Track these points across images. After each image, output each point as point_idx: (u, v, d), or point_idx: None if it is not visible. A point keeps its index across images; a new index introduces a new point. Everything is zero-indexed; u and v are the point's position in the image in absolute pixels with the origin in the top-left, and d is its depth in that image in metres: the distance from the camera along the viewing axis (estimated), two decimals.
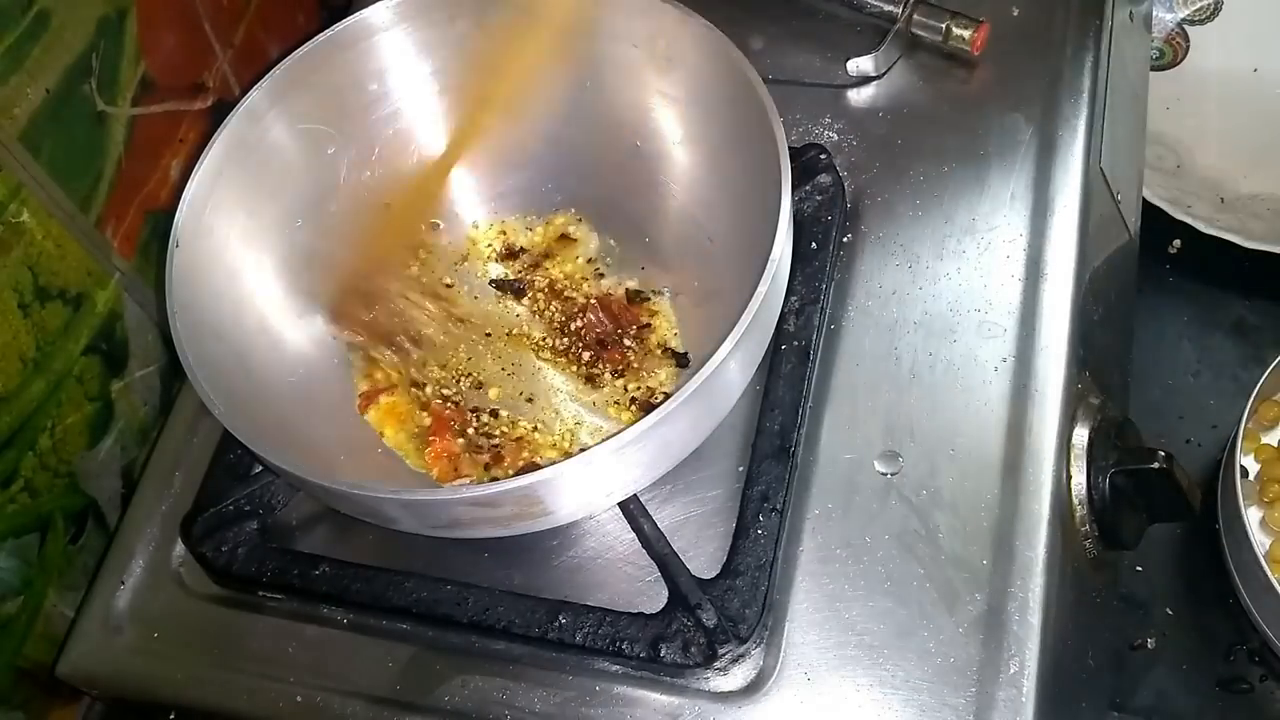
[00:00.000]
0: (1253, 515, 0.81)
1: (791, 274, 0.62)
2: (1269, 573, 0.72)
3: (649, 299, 0.67)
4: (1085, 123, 0.69)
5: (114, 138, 0.66)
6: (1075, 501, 0.60)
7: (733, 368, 0.52)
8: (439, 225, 0.71)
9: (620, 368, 0.65)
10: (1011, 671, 0.54)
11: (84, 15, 0.63)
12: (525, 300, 0.68)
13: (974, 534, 0.57)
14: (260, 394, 0.61)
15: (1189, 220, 0.93)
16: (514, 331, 0.67)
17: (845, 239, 0.67)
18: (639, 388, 0.64)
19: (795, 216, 0.58)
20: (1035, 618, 0.55)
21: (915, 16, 0.71)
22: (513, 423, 0.64)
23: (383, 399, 0.65)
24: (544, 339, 0.67)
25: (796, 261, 0.62)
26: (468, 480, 0.62)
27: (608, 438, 0.49)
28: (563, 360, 0.66)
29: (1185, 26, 1.05)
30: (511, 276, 0.69)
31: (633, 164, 0.67)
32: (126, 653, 0.62)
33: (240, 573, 0.60)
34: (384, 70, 0.66)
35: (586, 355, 0.65)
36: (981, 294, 0.64)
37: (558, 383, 0.65)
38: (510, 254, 0.70)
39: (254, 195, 0.63)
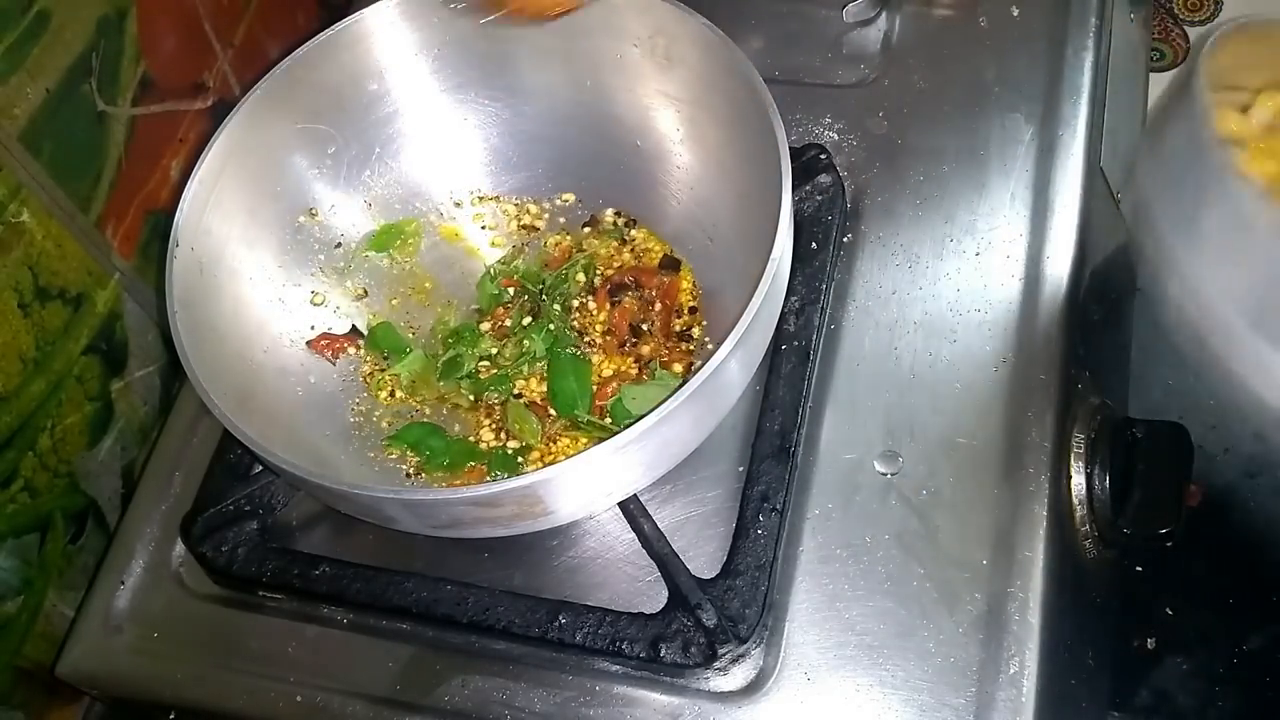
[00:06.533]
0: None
1: (791, 274, 0.62)
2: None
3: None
4: (1085, 123, 0.69)
5: (114, 138, 0.66)
6: (1075, 501, 0.60)
7: (733, 368, 0.52)
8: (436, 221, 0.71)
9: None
10: (1011, 671, 0.54)
11: (84, 15, 0.63)
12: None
13: (974, 534, 0.57)
14: (260, 393, 0.61)
15: None
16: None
17: (845, 239, 0.67)
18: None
19: (795, 216, 0.58)
20: (1035, 618, 0.55)
21: None
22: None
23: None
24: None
25: (796, 261, 0.62)
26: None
27: (606, 439, 0.49)
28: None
29: (1185, 26, 1.05)
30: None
31: (633, 163, 0.67)
32: (126, 653, 0.62)
33: (240, 573, 0.60)
34: (384, 70, 0.67)
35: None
36: (981, 294, 0.64)
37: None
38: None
39: (254, 195, 0.63)
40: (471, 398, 0.65)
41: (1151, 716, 0.77)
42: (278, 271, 0.65)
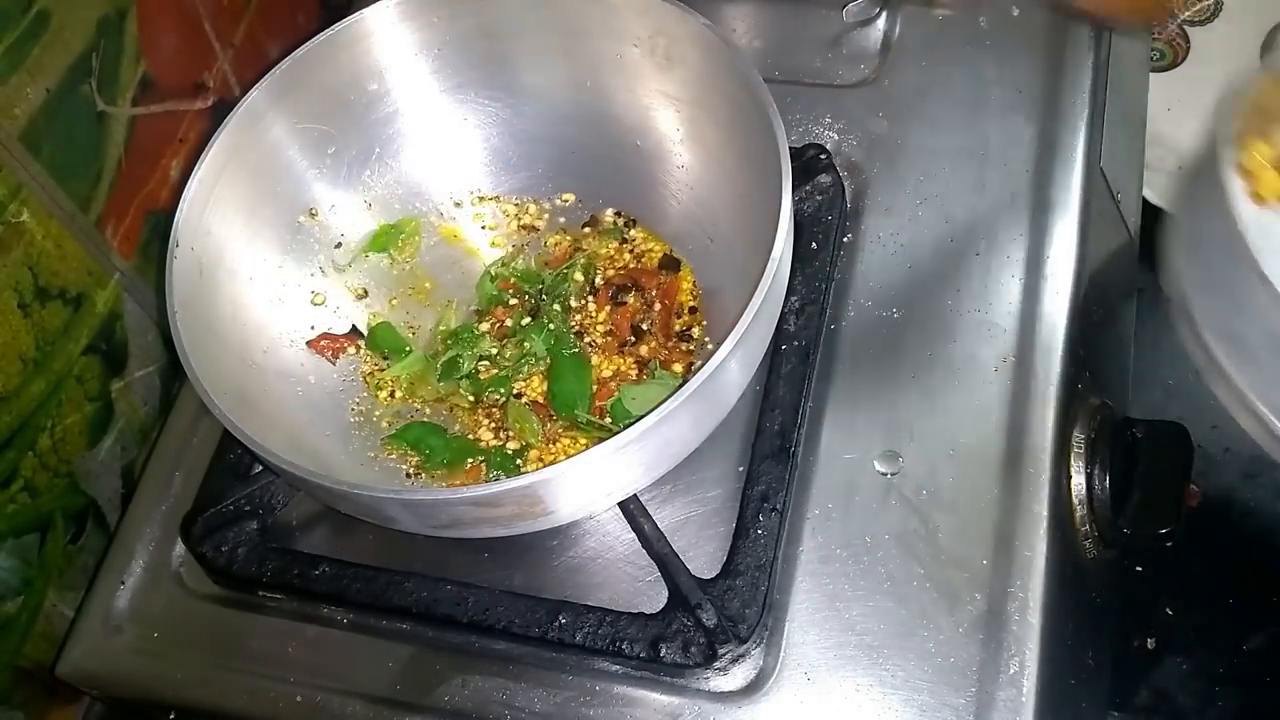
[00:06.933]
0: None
1: (791, 274, 0.62)
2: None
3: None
4: (1085, 123, 0.69)
5: (114, 138, 0.66)
6: (1075, 501, 0.60)
7: (733, 368, 0.52)
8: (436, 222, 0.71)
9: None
10: (1011, 671, 0.54)
11: (84, 15, 0.63)
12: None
13: (974, 534, 0.57)
14: (260, 394, 0.61)
15: None
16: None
17: (845, 239, 0.67)
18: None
19: (795, 216, 0.58)
20: (1035, 618, 0.55)
21: None
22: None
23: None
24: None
25: (796, 261, 0.62)
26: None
27: (606, 439, 0.49)
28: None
29: (1185, 27, 1.05)
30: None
31: (633, 163, 0.67)
32: (126, 653, 0.62)
33: (240, 573, 0.60)
34: (384, 70, 0.67)
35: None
36: (981, 294, 0.64)
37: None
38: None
39: (254, 195, 0.63)
40: (471, 398, 0.65)
41: (1151, 716, 0.78)
42: (278, 272, 0.65)
